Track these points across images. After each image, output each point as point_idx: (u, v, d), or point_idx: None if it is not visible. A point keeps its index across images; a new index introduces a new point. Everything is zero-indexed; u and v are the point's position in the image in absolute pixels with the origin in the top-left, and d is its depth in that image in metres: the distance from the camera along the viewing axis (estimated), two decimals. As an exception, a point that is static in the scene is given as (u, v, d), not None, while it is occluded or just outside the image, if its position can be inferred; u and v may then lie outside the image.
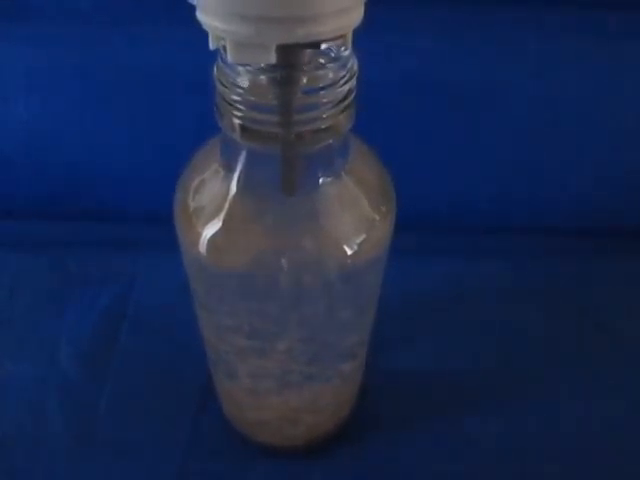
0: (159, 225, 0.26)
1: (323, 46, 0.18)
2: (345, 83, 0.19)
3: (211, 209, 0.23)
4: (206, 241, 0.23)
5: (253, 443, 0.32)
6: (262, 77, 0.19)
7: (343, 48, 0.19)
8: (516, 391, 0.34)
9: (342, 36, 0.18)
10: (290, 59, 0.18)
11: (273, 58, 0.17)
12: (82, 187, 0.41)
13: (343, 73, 0.19)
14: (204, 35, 0.20)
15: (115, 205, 0.41)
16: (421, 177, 0.33)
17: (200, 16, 0.18)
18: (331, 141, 0.20)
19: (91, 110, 0.39)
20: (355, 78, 0.20)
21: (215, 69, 0.20)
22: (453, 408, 0.33)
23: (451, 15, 0.38)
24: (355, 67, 0.20)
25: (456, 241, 0.41)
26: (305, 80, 0.19)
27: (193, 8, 0.18)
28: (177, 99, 0.38)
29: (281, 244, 0.22)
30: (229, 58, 0.18)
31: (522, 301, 0.38)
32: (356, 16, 0.18)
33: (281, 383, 0.28)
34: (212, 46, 0.18)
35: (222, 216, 0.22)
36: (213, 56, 0.20)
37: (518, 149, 0.41)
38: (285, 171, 0.20)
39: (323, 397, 0.30)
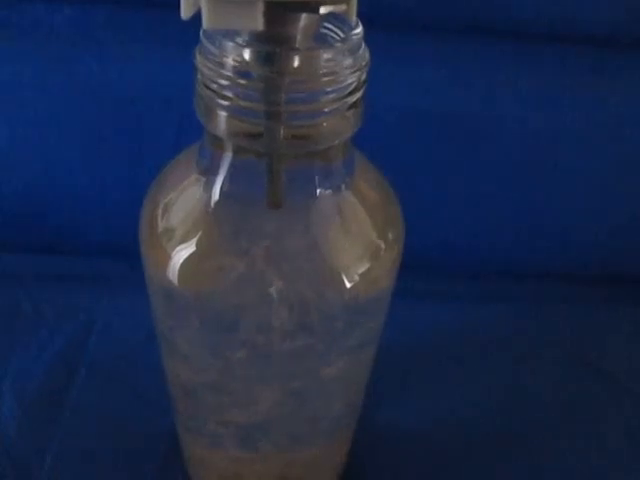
0: (125, 259, 0.23)
1: (322, 10, 0.14)
2: (353, 73, 0.16)
3: (185, 227, 0.19)
4: (178, 265, 0.19)
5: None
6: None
7: (354, 30, 0.16)
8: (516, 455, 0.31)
9: (344, 1, 0.15)
10: (281, 27, 0.15)
11: (260, 23, 0.14)
12: (40, 214, 0.37)
13: (351, 61, 0.16)
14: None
15: (76, 235, 0.38)
16: (414, 216, 0.30)
17: None
18: (336, 142, 0.17)
19: (54, 129, 0.36)
20: (366, 71, 0.17)
21: (197, 52, 0.17)
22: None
23: (448, 46, 0.37)
24: (367, 57, 0.17)
25: (453, 285, 0.39)
26: (305, 62, 0.16)
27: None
28: (148, 120, 0.35)
29: (270, 269, 0.19)
30: (205, 23, 0.14)
31: (525, 351, 0.36)
32: None
33: (259, 443, 0.24)
34: (184, 14, 0.15)
35: (198, 235, 0.19)
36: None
37: (516, 189, 0.39)
38: (271, 178, 0.17)
39: (304, 462, 0.26)
